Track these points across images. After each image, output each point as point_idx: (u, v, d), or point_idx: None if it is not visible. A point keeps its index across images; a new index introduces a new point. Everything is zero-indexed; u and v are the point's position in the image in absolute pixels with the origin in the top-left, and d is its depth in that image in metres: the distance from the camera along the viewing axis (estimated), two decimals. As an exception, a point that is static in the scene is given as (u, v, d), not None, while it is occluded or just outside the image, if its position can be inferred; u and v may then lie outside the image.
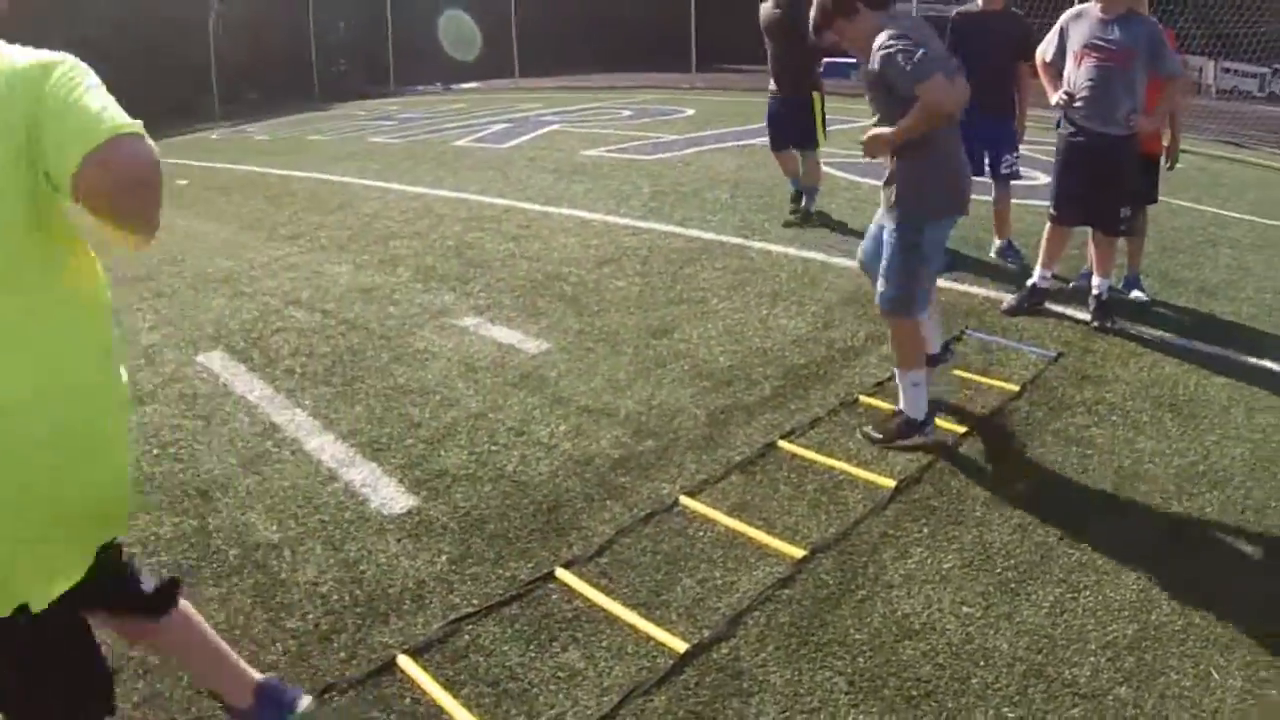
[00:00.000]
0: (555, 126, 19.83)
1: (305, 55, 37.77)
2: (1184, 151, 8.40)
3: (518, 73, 32.35)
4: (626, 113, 21.92)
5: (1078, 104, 7.53)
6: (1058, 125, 7.90)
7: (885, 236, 5.80)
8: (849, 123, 16.34)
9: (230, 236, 12.57)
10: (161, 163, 2.57)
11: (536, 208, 12.19)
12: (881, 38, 5.36)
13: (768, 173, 13.09)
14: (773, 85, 11.01)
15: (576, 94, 27.27)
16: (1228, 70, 26.88)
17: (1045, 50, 7.92)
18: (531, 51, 32.52)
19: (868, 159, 5.89)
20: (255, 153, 21.45)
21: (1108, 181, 7.61)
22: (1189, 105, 8.27)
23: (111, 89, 2.60)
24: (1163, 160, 8.30)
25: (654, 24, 32.77)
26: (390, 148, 19.45)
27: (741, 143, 16.62)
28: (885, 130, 5.51)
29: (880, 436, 5.85)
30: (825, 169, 12.13)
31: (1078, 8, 7.72)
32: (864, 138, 5.64)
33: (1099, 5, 7.42)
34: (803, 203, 11.18)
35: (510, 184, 14.02)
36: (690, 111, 21.56)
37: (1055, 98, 7.69)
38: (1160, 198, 8.48)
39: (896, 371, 5.95)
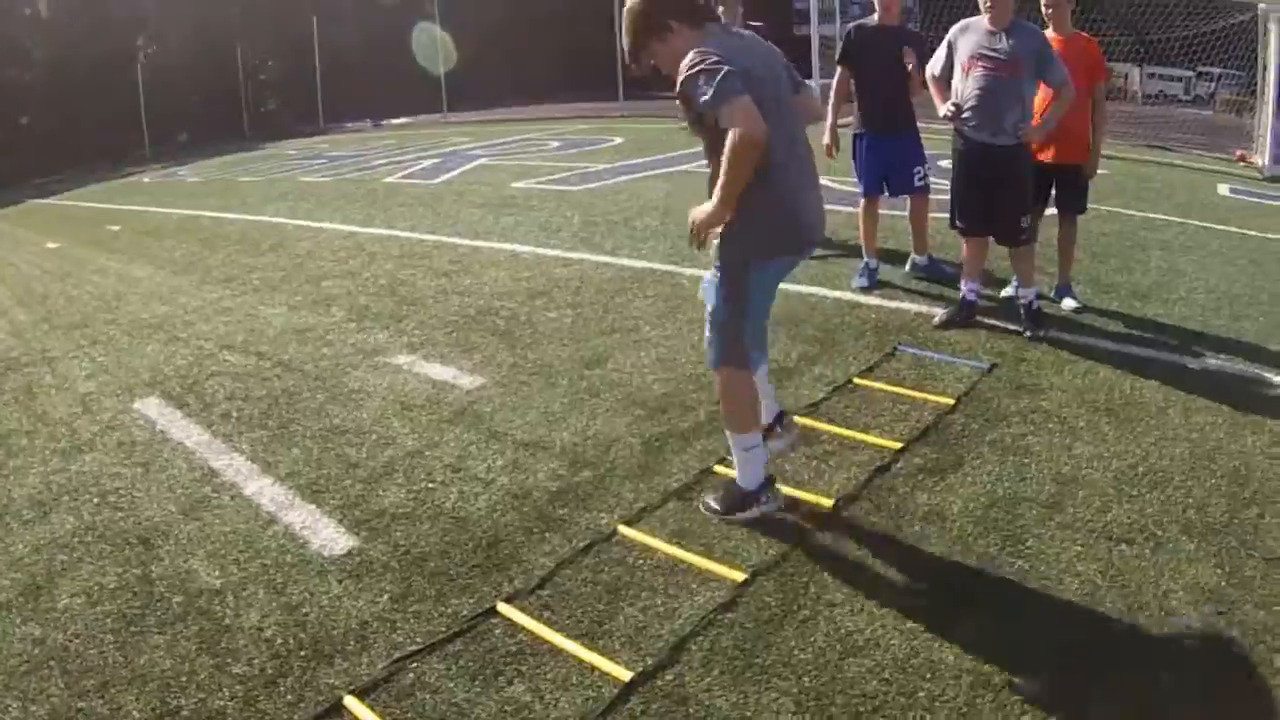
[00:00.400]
0: (484, 160, 19.89)
1: (234, 94, 37.74)
2: (1111, 158, 8.50)
3: (446, 107, 32.38)
4: (555, 144, 21.99)
5: (965, 115, 7.60)
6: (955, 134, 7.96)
7: (708, 277, 5.28)
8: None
9: (164, 281, 12.52)
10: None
11: (467, 242, 12.20)
12: (686, 58, 4.70)
13: (695, 197, 13.14)
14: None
15: (504, 126, 27.36)
16: (1152, 75, 27.26)
17: (934, 65, 8.00)
18: (460, 86, 32.60)
19: (697, 248, 5.08)
20: (187, 195, 21.40)
21: (1002, 192, 7.68)
22: (1108, 113, 8.25)
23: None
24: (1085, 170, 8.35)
25: (579, 54, 32.95)
26: (321, 186, 19.45)
27: (670, 169, 16.69)
28: (707, 209, 4.81)
29: (718, 509, 5.36)
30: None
31: (965, 21, 7.79)
32: (690, 222, 4.92)
33: (987, 17, 7.50)
34: None
35: (440, 219, 14.04)
36: (618, 140, 21.65)
37: (943, 110, 7.76)
38: (1088, 205, 8.54)
39: (727, 434, 5.43)
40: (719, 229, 5.00)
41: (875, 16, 9.16)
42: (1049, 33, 8.05)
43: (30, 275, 16.32)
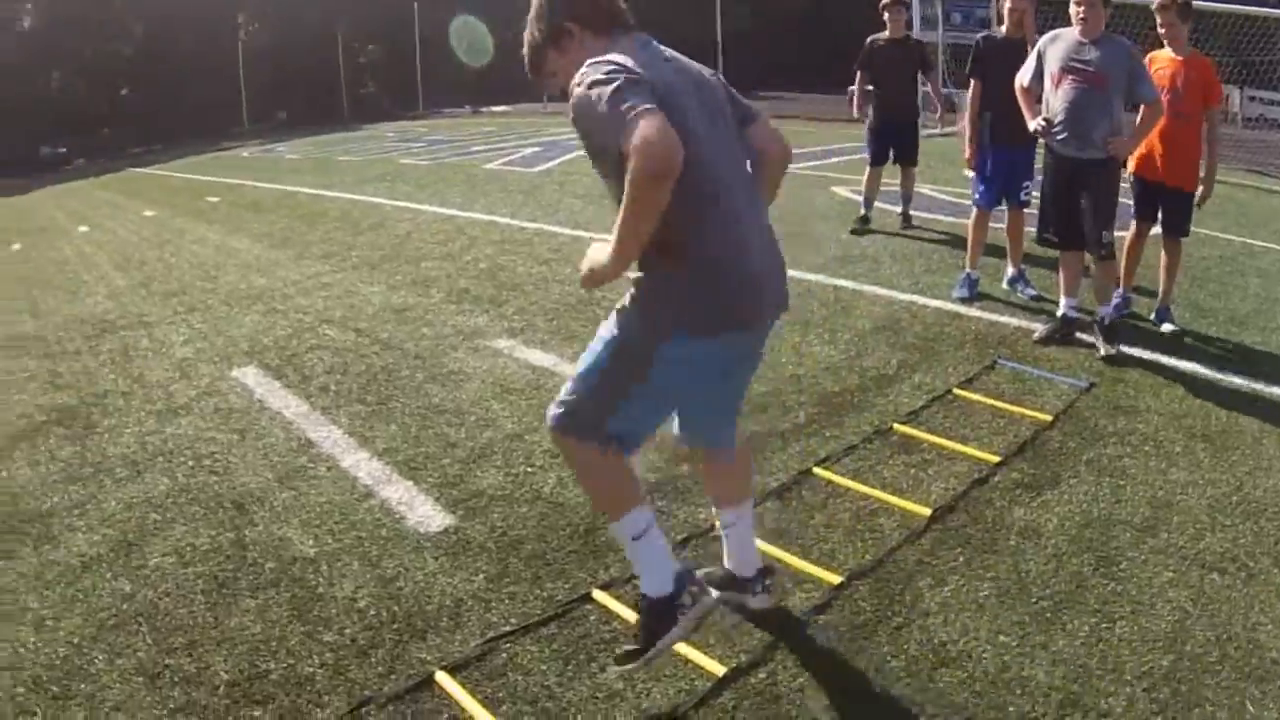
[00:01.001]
0: (583, 152, 19.91)
1: (334, 76, 38.05)
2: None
3: (545, 97, 32.48)
4: (654, 139, 21.98)
5: (1055, 130, 7.52)
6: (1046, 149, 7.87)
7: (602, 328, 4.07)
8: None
9: (262, 254, 12.69)
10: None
11: (567, 232, 12.25)
12: (579, 72, 3.62)
13: (795, 198, 13.15)
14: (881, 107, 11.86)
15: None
16: (1253, 99, 26.86)
17: (1023, 75, 7.91)
18: (559, 77, 32.73)
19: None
20: (286, 171, 21.60)
21: (1088, 205, 7.58)
22: (1219, 137, 8.11)
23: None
24: (1196, 195, 8.25)
25: (682, 50, 32.95)
26: (420, 169, 19.59)
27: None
28: (600, 258, 3.66)
29: (634, 649, 4.00)
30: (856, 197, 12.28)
31: (1055, 31, 7.69)
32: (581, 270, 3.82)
33: (1078, 28, 7.40)
34: (900, 210, 11.99)
35: (541, 207, 14.10)
36: (721, 137, 21.59)
37: (1033, 125, 7.69)
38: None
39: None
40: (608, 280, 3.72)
41: (1003, 28, 9.10)
42: (1166, 52, 7.97)
43: (128, 242, 16.58)
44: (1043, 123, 7.57)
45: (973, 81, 9.24)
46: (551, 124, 27.31)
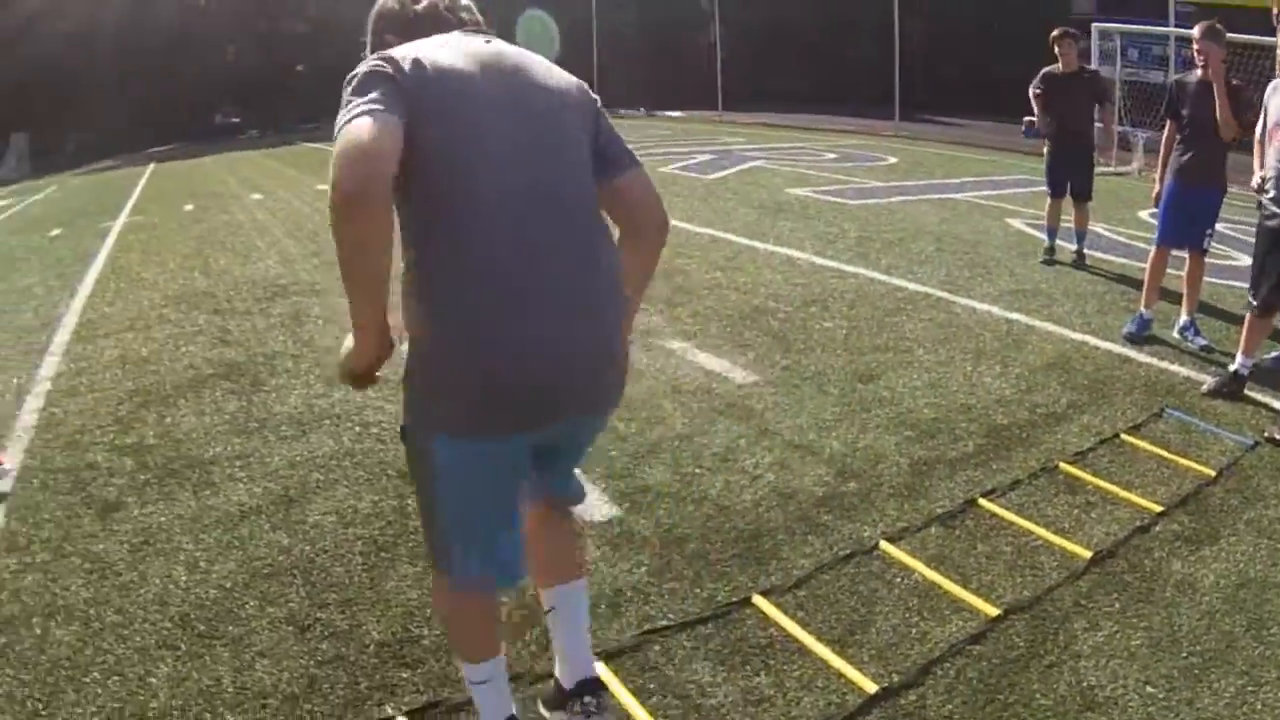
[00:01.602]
0: (759, 162, 19.96)
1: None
2: None
3: (721, 105, 32.56)
4: (830, 155, 21.96)
5: (1266, 188, 7.35)
6: (1258, 206, 7.67)
7: None
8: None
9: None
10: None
11: (742, 240, 12.32)
12: None
13: (969, 227, 13.10)
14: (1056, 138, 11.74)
15: (778, 131, 27.33)
16: None
17: (1259, 127, 7.74)
18: (734, 85, 32.71)
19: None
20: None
21: None
22: None
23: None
24: None
25: (858, 69, 32.72)
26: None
27: (944, 195, 16.54)
28: (347, 342, 3.13)
29: None
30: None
31: (1277, 81, 7.50)
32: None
33: None
34: (1074, 247, 11.78)
35: (716, 215, 14.18)
36: (892, 160, 21.49)
37: (1254, 180, 7.52)
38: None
39: None
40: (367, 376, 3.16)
41: (1197, 71, 9.05)
42: None
43: (300, 212, 17.01)
44: (1259, 180, 7.43)
45: (1168, 121, 9.20)
46: (724, 132, 27.39)
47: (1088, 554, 5.30)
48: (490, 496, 3.28)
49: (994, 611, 4.76)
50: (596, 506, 5.72)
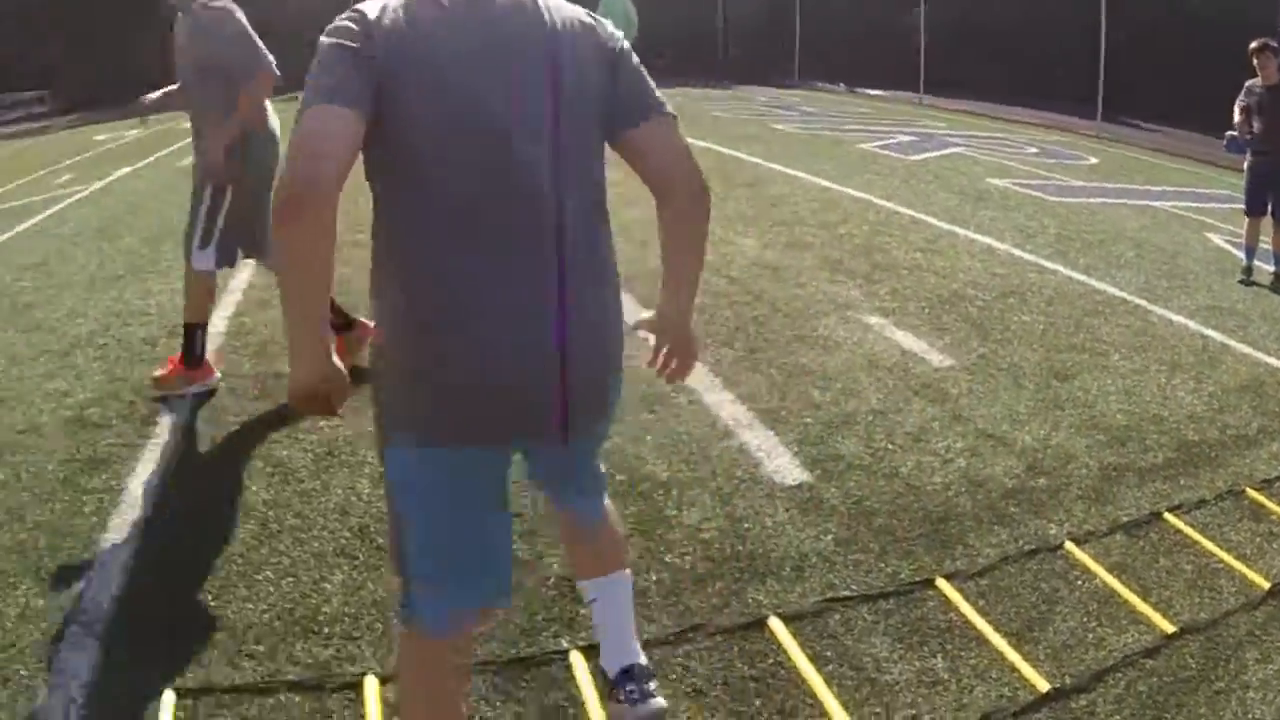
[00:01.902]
0: (959, 149, 19.63)
1: (711, 31, 38.39)
2: None
3: (922, 88, 32.20)
4: (1031, 149, 21.49)
5: None
6: None
7: None
8: None
9: (626, 190, 12.97)
10: None
11: (942, 225, 12.12)
12: None
13: (1169, 237, 12.79)
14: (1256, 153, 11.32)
15: (978, 120, 26.91)
16: None
17: None
18: (935, 69, 32.31)
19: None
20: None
21: None
22: None
23: None
24: None
25: (1059, 66, 32.07)
26: (794, 138, 19.69)
27: (1145, 202, 16.05)
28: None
29: None
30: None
31: None
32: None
33: None
34: (1273, 269, 11.32)
35: (916, 196, 13.98)
36: (1093, 160, 20.99)
37: None
38: None
39: None
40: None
41: None
42: None
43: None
44: None
45: None
46: (926, 115, 27.02)
47: (1266, 584, 5.11)
48: (451, 516, 2.93)
49: (1170, 628, 4.63)
50: (788, 470, 5.70)
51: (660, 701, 3.55)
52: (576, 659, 4.07)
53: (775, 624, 4.31)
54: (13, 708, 3.95)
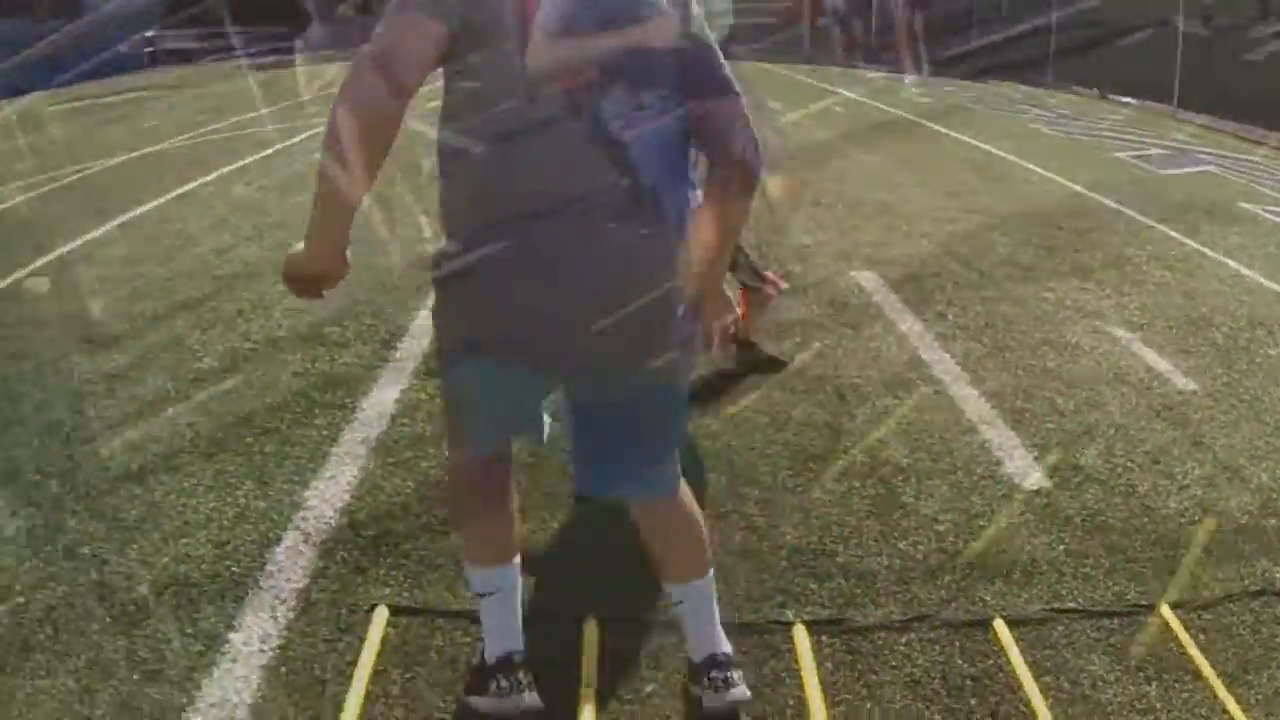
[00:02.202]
0: (1210, 168, 19.13)
1: (965, 20, 37.85)
2: None
3: (1176, 101, 31.36)
4: (1284, 175, 20.90)
5: None
6: None
7: None
8: None
9: (888, 174, 12.96)
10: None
11: (1190, 243, 11.89)
12: None
13: None
14: None
15: (1232, 140, 26.10)
16: None
17: None
18: (1194, 83, 31.41)
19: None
20: (906, 102, 21.92)
21: None
22: None
23: None
24: None
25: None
26: (1048, 138, 19.45)
27: None
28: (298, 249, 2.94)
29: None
30: None
31: None
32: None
33: None
34: None
35: (1164, 209, 13.70)
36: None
37: None
38: None
39: None
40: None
41: None
42: None
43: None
44: None
45: None
46: (1175, 129, 26.30)
47: None
48: (485, 408, 3.25)
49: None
50: (1027, 473, 5.74)
51: (744, 690, 3.57)
52: (800, 632, 4.18)
53: (1000, 626, 4.35)
54: (220, 602, 4.21)
